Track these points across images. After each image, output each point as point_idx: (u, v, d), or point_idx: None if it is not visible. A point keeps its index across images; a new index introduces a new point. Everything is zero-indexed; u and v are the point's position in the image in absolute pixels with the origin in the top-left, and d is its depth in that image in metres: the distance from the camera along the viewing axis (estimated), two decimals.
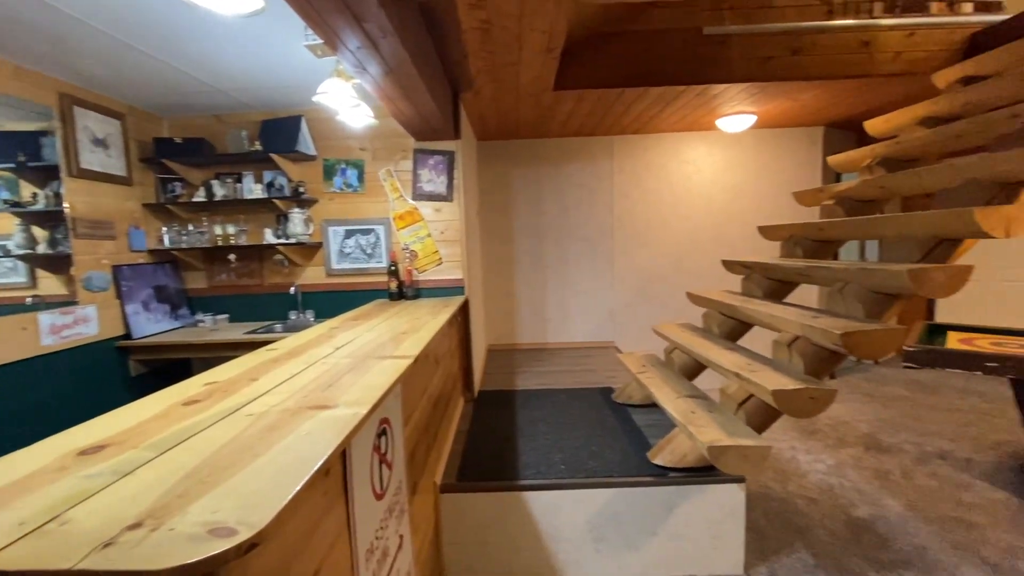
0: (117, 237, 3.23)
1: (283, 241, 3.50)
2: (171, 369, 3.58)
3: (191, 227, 3.59)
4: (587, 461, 2.34)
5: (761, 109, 3.92)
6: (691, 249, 4.90)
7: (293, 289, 3.62)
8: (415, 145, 3.42)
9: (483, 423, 2.89)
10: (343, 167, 3.58)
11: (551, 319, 4.97)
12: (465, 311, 3.40)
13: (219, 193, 3.49)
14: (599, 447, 2.48)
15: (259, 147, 3.44)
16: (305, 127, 3.50)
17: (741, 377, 2.06)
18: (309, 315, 3.67)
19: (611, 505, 2.18)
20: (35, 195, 2.76)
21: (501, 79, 2.85)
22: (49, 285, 2.80)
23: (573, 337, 4.99)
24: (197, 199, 3.50)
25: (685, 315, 4.49)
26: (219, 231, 3.56)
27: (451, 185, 3.44)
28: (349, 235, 3.64)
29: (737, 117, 4.05)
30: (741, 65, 3.17)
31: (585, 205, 4.85)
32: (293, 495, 0.72)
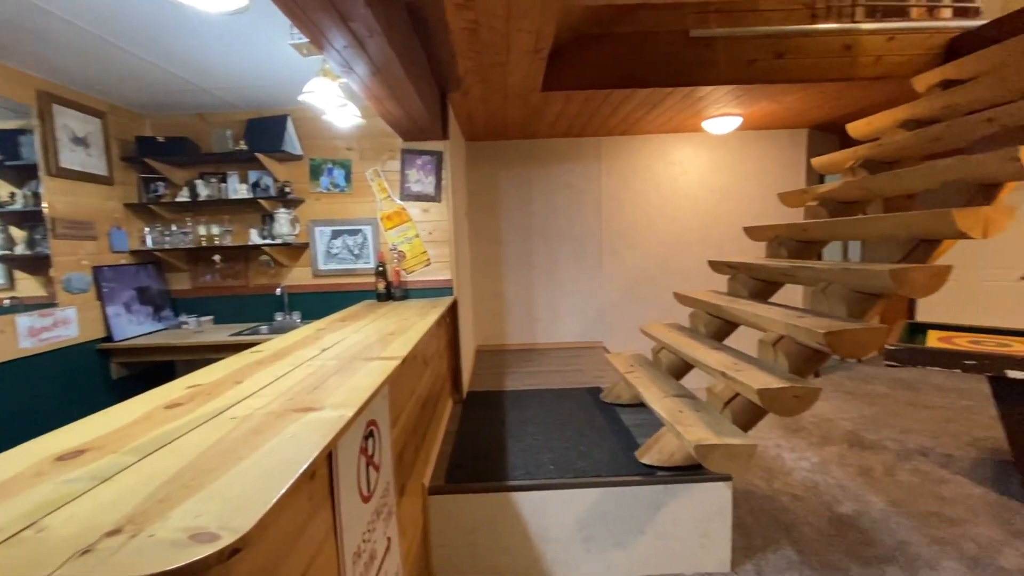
0: (98, 238, 3.18)
1: (269, 242, 3.46)
2: (154, 372, 3.52)
3: (174, 227, 3.53)
4: (576, 461, 2.35)
5: (746, 111, 3.97)
6: (678, 250, 4.94)
7: (279, 290, 3.58)
8: (403, 145, 3.41)
9: (472, 424, 2.88)
10: (330, 167, 3.55)
11: (540, 319, 4.98)
12: (454, 312, 3.39)
13: (203, 193, 3.44)
14: (588, 447, 2.49)
15: (244, 146, 3.40)
16: (291, 126, 3.47)
17: (727, 376, 2.08)
18: (295, 316, 3.63)
19: (600, 504, 2.19)
20: (13, 195, 2.70)
21: (489, 79, 2.85)
22: (27, 286, 2.74)
23: (562, 337, 5.00)
24: (181, 199, 3.45)
25: (673, 315, 4.52)
26: (203, 232, 3.51)
27: (439, 185, 3.43)
28: (336, 235, 3.61)
29: (723, 119, 4.09)
30: (727, 67, 3.21)
31: (574, 206, 4.87)
32: (277, 499, 0.71)
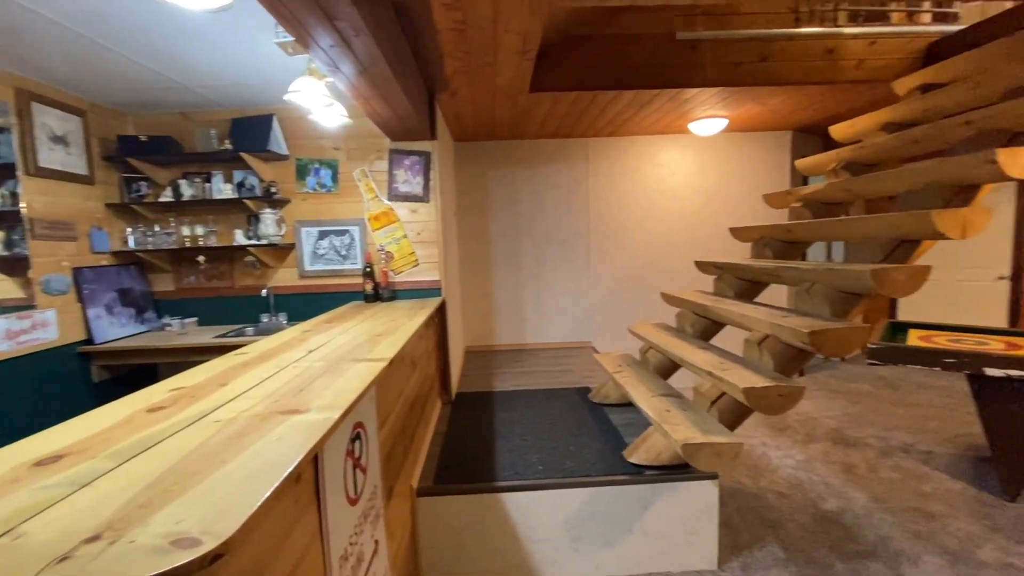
0: (78, 238, 3.11)
1: (254, 242, 3.42)
2: (136, 375, 3.46)
3: (157, 228, 3.48)
4: (564, 461, 2.36)
5: (732, 113, 4.01)
6: (665, 250, 4.98)
7: (265, 291, 3.54)
8: (390, 145, 3.39)
9: (460, 425, 2.88)
10: (316, 167, 3.52)
11: (529, 320, 4.99)
12: (442, 312, 3.38)
13: (187, 193, 3.39)
14: (576, 447, 2.50)
15: (229, 146, 3.35)
16: (277, 126, 3.43)
17: (714, 376, 2.10)
18: (282, 318, 3.59)
19: (588, 504, 2.19)
20: None
21: (477, 80, 2.85)
22: (5, 288, 2.68)
23: (551, 338, 5.01)
24: (164, 199, 3.39)
25: (660, 315, 4.56)
26: (187, 232, 3.46)
27: (427, 186, 3.41)
28: (323, 236, 3.58)
29: (709, 120, 4.13)
30: (712, 70, 3.24)
31: (562, 207, 4.88)
32: (261, 502, 0.71)
